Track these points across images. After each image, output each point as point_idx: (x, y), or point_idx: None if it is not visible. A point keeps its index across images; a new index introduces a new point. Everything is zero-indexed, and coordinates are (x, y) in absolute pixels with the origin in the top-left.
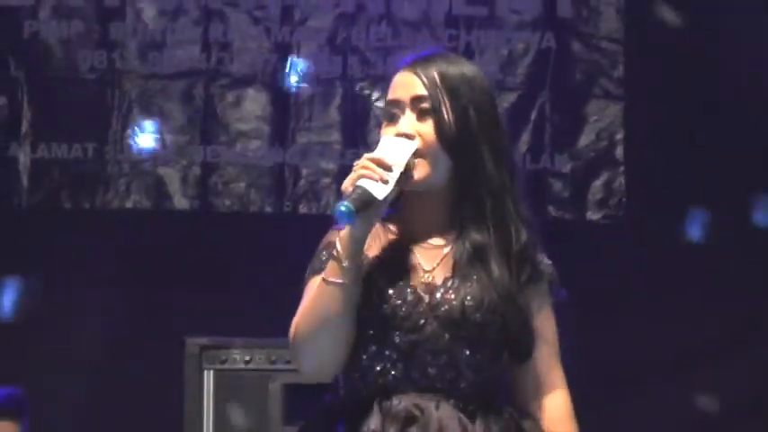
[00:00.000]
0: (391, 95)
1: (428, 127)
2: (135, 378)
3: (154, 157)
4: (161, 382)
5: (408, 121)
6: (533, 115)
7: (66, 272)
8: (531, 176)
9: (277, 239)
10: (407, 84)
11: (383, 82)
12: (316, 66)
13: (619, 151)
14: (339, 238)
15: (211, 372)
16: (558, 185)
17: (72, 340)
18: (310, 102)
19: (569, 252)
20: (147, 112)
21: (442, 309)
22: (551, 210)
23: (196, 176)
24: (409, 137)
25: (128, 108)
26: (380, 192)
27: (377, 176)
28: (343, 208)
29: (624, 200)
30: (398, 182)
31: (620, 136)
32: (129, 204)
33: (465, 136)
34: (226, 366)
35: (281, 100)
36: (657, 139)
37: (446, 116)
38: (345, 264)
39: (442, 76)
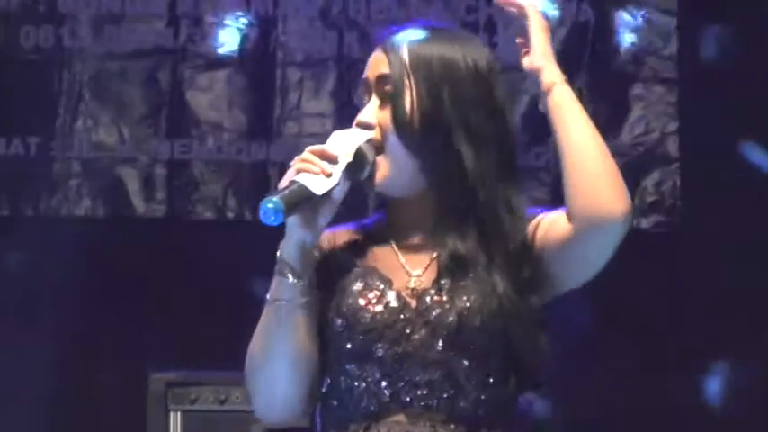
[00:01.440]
0: (363, 75)
1: (388, 115)
2: (87, 420)
3: (110, 154)
4: (118, 427)
5: (370, 107)
6: None
7: (5, 292)
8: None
9: (260, 253)
10: (375, 62)
11: None
12: (306, 44)
13: (672, 145)
14: (281, 246)
15: (179, 413)
16: None
17: (13, 372)
18: (299, 86)
19: (617, 266)
20: (102, 99)
21: (433, 313)
22: None
23: (161, 177)
24: (367, 126)
25: (78, 95)
26: (321, 186)
27: (317, 169)
28: (269, 204)
29: (679, 203)
30: (350, 175)
31: (673, 127)
32: (80, 211)
33: (431, 127)
34: (196, 407)
35: (264, 84)
36: (717, 131)
37: (409, 102)
38: (289, 277)
39: (414, 54)
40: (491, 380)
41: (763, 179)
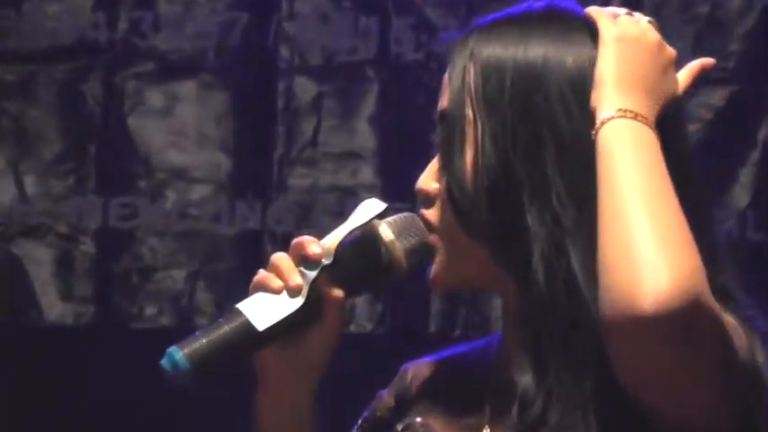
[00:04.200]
0: None
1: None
2: None
3: (6, 220)
4: None
5: (430, 167)
6: (763, 131)
7: None
8: (757, 249)
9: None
10: (443, 85)
11: None
12: (326, 36)
13: None
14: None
15: None
16: None
17: None
18: (315, 107)
19: None
20: None
21: None
22: None
23: (88, 259)
24: (424, 194)
25: None
26: (275, 313)
27: (278, 285)
28: (176, 355)
29: None
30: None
31: None
32: None
33: (504, 195)
34: None
35: (258, 105)
36: None
37: (471, 155)
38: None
39: (487, 70)
40: None
41: None
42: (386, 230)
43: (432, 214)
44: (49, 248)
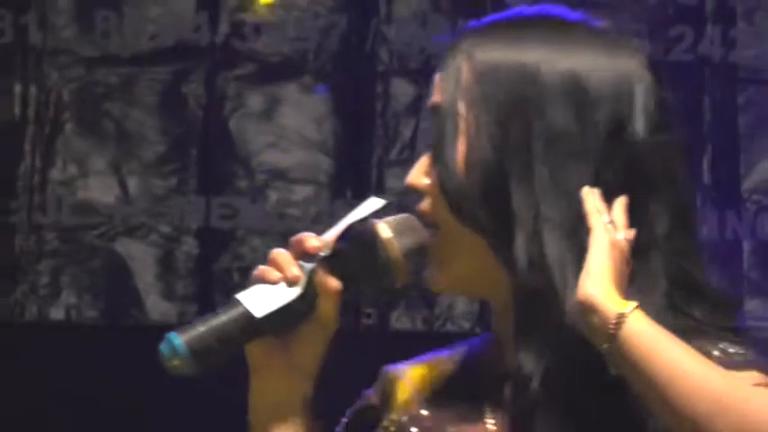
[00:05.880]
0: None
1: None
2: None
3: (106, 219)
4: None
5: (419, 163)
6: None
7: None
8: None
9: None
10: (435, 83)
11: None
12: (425, 38)
13: None
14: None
15: None
16: None
17: None
18: (413, 110)
19: None
20: (92, 130)
21: None
22: None
23: (190, 258)
24: (415, 189)
25: (54, 124)
26: (273, 302)
27: (276, 276)
28: (175, 341)
29: None
30: (354, 275)
31: None
32: (57, 314)
33: (495, 184)
34: None
35: (356, 107)
36: None
37: (463, 148)
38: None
39: (480, 69)
40: None
41: None
42: (384, 228)
43: (426, 205)
44: (151, 248)
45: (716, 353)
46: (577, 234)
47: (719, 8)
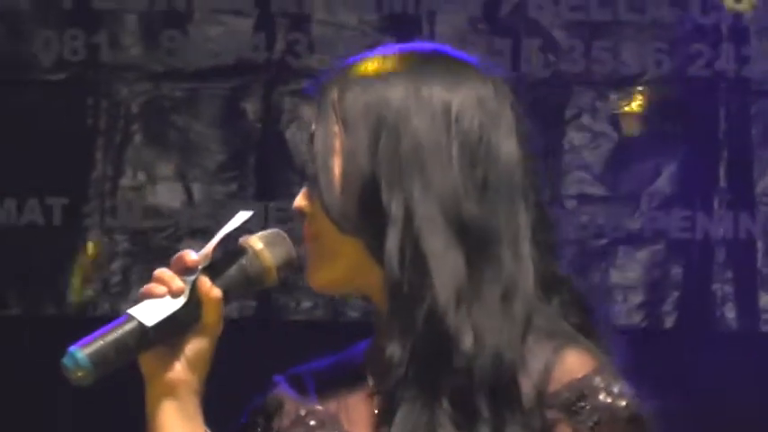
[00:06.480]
0: None
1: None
2: None
3: (173, 223)
4: None
5: (302, 190)
6: None
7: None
8: None
9: None
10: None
11: (591, 88)
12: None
13: None
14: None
15: None
16: None
17: None
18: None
19: None
20: (160, 141)
21: None
22: None
23: None
24: (298, 211)
25: (124, 134)
26: (160, 312)
27: (162, 290)
28: (78, 355)
29: None
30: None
31: None
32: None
33: (368, 193)
34: None
35: None
36: None
37: (336, 169)
38: None
39: (351, 99)
40: None
41: None
42: (255, 241)
43: (306, 226)
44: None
45: (602, 397)
46: (448, 230)
47: (734, 28)
